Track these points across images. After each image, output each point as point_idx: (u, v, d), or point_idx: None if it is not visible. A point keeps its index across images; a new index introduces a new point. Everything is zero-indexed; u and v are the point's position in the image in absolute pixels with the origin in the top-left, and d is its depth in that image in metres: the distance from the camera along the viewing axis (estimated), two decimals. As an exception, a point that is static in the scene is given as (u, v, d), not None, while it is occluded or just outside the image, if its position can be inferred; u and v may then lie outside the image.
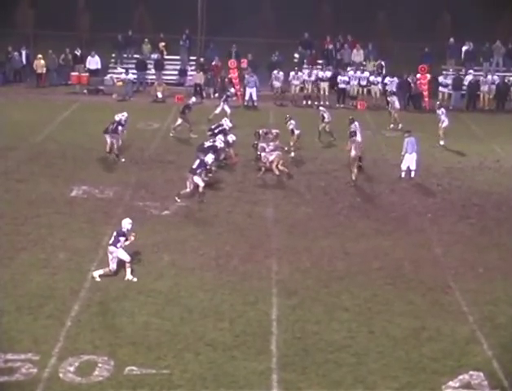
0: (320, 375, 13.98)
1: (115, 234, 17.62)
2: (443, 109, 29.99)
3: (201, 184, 22.39)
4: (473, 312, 16.47)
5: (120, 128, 26.35)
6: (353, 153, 24.37)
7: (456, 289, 17.53)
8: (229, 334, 15.28)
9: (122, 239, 17.53)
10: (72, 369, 13.90)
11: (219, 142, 25.11)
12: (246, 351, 14.68)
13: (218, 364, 14.24)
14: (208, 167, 23.20)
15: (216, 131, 26.23)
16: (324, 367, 14.22)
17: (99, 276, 17.36)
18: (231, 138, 25.86)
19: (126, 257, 17.53)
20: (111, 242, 17.54)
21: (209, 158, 23.21)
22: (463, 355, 14.79)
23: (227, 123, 27.25)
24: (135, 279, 17.40)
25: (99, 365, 14.04)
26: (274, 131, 26.98)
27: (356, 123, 26.85)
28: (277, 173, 24.66)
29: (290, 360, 14.41)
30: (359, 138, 25.46)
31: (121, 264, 17.48)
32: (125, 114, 26.98)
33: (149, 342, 14.89)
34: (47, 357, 14.20)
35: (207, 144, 24.78)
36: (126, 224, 17.76)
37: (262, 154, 25.16)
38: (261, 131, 27.07)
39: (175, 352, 14.56)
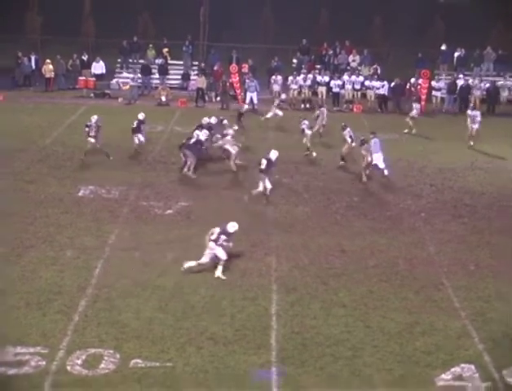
0: (318, 368, 13.99)
1: (218, 231, 17.57)
2: (475, 111, 30.00)
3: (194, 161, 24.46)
4: (464, 307, 16.49)
5: (142, 126, 27.21)
6: (368, 159, 24.43)
7: (448, 286, 17.54)
8: (230, 328, 15.30)
9: (223, 237, 17.50)
10: (79, 362, 13.92)
11: (202, 135, 25.58)
12: (246, 345, 14.69)
13: (219, 357, 14.25)
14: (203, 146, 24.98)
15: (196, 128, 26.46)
16: (322, 361, 14.24)
17: (188, 267, 17.45)
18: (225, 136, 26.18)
19: (223, 256, 17.52)
20: (213, 238, 17.51)
21: (203, 136, 25.12)
22: (455, 349, 14.80)
23: (210, 120, 27.50)
24: (224, 278, 17.39)
25: (105, 358, 14.06)
26: (233, 128, 27.04)
27: (349, 129, 26.77)
28: (235, 169, 25.28)
29: (289, 354, 14.42)
30: (371, 142, 25.19)
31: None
32: (143, 114, 27.63)
33: (153, 336, 14.91)
34: (55, 350, 14.22)
35: (192, 140, 25.16)
36: (231, 227, 17.68)
37: (226, 146, 25.69)
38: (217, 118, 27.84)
39: (178, 345, 14.58)
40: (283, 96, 34.81)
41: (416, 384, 13.65)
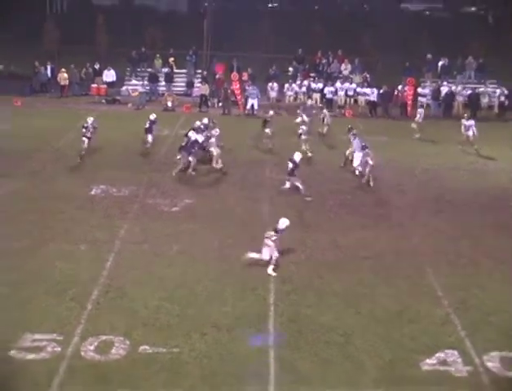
0: (313, 354, 13.99)
1: (273, 233, 17.40)
2: (470, 121, 29.88)
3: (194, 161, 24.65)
4: (447, 296, 16.48)
5: (154, 126, 27.55)
6: (371, 162, 24.35)
7: (431, 275, 17.54)
8: (231, 316, 15.29)
9: (278, 235, 17.40)
10: (92, 348, 13.91)
11: (200, 137, 25.45)
12: (247, 331, 14.69)
13: (222, 343, 14.26)
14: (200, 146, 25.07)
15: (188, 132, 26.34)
16: (316, 346, 14.24)
17: (249, 257, 17.44)
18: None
19: (274, 253, 17.41)
20: (267, 236, 17.40)
21: (200, 138, 24.99)
22: (439, 335, 14.81)
23: (203, 121, 27.50)
24: (275, 274, 17.26)
25: (116, 344, 14.05)
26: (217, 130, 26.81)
27: (354, 131, 26.75)
28: (219, 167, 25.24)
29: (285, 340, 14.42)
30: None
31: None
32: (155, 115, 28.15)
33: (160, 324, 14.91)
34: (70, 337, 14.22)
35: (188, 142, 25.12)
36: (282, 224, 17.53)
37: (211, 148, 25.49)
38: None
39: (184, 332, 14.57)
40: (309, 102, 34.50)
41: (403, 368, 13.63)
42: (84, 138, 26.17)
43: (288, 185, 22.88)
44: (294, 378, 13.25)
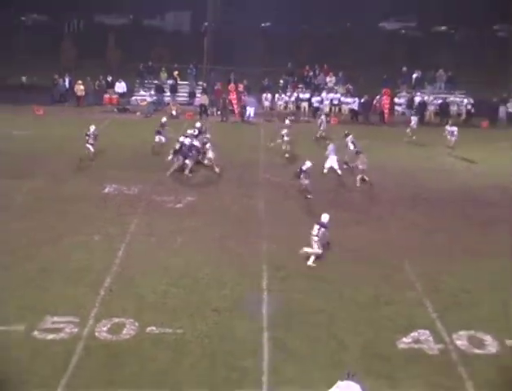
0: (302, 333, 14.01)
1: (318, 226, 17.32)
2: (453, 127, 29.68)
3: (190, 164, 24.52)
4: (420, 282, 16.51)
5: (164, 128, 27.96)
6: (361, 166, 24.23)
7: (407, 264, 17.55)
8: (230, 300, 15.30)
9: (322, 229, 17.32)
10: (105, 329, 13.92)
11: (196, 142, 25.44)
12: (243, 314, 14.69)
13: (221, 325, 14.27)
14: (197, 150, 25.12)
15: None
16: (305, 327, 14.25)
17: (305, 252, 17.31)
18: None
19: (319, 249, 17.36)
20: (315, 233, 17.31)
21: (196, 143, 25.05)
22: (413, 316, 14.83)
23: (196, 126, 27.30)
24: (314, 265, 17.19)
25: (127, 326, 14.06)
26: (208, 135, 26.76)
27: (351, 136, 26.61)
28: (208, 165, 25.03)
29: (278, 321, 14.43)
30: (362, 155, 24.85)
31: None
32: (165, 118, 28.67)
33: (166, 307, 14.91)
34: (86, 319, 14.22)
35: (178, 146, 25.01)
36: (324, 218, 17.47)
37: (209, 154, 25.32)
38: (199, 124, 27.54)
39: (187, 315, 14.58)
40: (325, 109, 34.59)
41: (381, 347, 13.66)
42: (88, 145, 26.13)
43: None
44: (286, 355, 13.25)
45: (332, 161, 25.01)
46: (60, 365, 12.69)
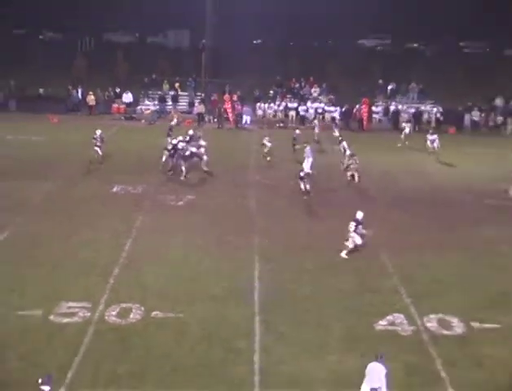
0: (291, 319, 13.99)
1: (354, 223, 17.24)
2: (433, 136, 29.43)
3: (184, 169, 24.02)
4: (396, 272, 16.51)
5: (171, 131, 27.79)
6: (353, 166, 24.20)
7: (384, 255, 17.55)
8: (226, 289, 15.26)
9: (360, 226, 17.25)
10: (114, 313, 13.89)
11: (193, 149, 25.00)
12: (237, 301, 14.67)
13: (217, 310, 14.24)
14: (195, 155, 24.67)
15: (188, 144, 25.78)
16: (294, 313, 14.24)
17: (347, 246, 17.19)
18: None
19: (358, 241, 17.27)
20: (352, 229, 17.20)
21: (194, 149, 24.66)
22: (389, 302, 14.84)
23: (189, 133, 26.79)
24: (347, 257, 17.11)
25: (133, 310, 14.03)
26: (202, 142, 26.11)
27: (344, 142, 26.55)
28: (206, 169, 24.76)
29: (268, 307, 14.40)
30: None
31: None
32: (175, 120, 29.08)
33: (169, 294, 14.87)
34: (97, 305, 14.19)
35: (187, 153, 24.63)
36: (359, 215, 17.43)
37: (204, 157, 24.92)
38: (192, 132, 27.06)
39: (188, 301, 14.56)
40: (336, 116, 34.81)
41: (361, 329, 13.68)
42: (96, 148, 25.98)
43: (303, 187, 22.43)
44: (276, 337, 13.25)
45: (306, 163, 24.55)
46: (74, 345, 12.65)
